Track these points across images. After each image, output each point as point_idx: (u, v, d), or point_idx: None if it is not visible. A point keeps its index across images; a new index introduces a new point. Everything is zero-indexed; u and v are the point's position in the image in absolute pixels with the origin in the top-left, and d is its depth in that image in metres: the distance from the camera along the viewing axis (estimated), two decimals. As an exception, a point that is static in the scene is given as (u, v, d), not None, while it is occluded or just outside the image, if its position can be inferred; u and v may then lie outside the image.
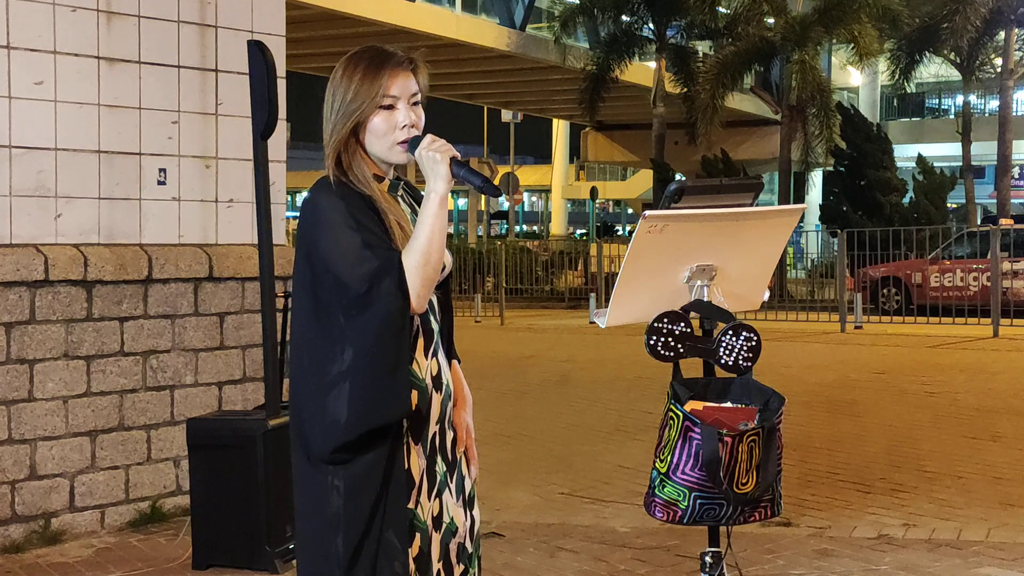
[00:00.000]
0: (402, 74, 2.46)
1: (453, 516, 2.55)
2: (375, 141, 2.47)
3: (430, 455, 2.49)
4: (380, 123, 2.45)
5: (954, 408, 9.34)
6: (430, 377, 2.48)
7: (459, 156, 2.43)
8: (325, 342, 2.38)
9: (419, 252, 2.35)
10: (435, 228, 2.37)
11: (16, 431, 5.24)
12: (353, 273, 2.33)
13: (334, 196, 2.41)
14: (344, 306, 2.35)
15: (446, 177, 2.39)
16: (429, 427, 2.48)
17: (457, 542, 2.56)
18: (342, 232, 2.36)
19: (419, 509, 2.47)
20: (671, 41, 30.92)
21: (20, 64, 5.29)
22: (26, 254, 5.27)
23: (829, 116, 27.27)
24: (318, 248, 2.38)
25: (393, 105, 2.45)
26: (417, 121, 2.47)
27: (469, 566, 2.59)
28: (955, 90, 39.88)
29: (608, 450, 7.66)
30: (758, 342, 2.89)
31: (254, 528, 4.88)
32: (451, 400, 2.56)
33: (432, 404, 2.48)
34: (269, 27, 6.19)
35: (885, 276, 20.42)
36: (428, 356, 2.48)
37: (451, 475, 2.56)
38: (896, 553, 5.12)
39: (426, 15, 27.93)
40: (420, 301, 2.37)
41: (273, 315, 5.15)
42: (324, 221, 2.39)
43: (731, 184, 3.04)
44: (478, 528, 2.63)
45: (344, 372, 2.35)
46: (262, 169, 5.07)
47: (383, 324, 2.33)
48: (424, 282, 2.36)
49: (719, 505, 2.81)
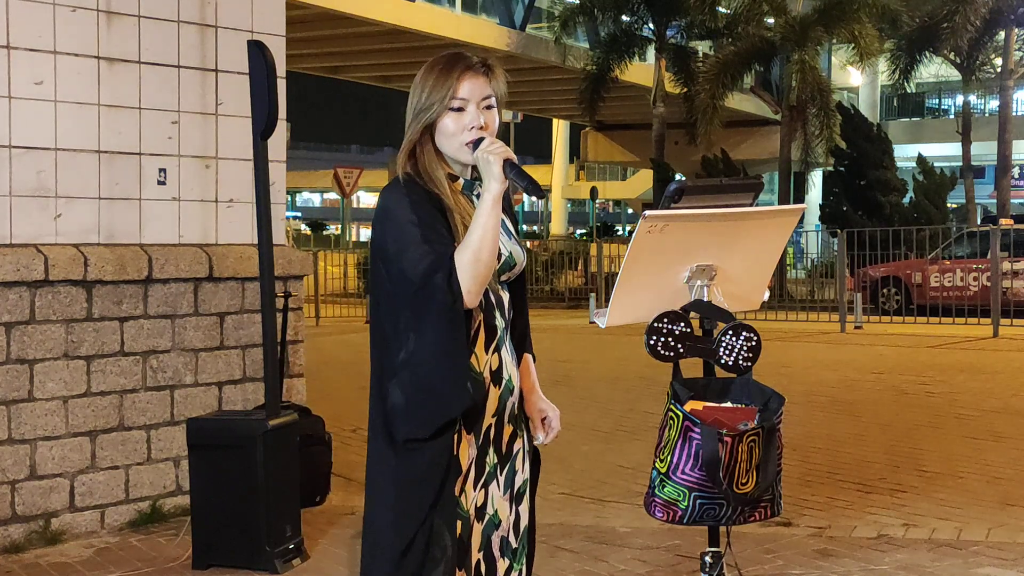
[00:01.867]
0: (473, 77, 2.56)
1: (498, 509, 2.61)
2: (445, 141, 2.57)
3: (482, 446, 2.57)
4: (450, 124, 2.55)
5: (954, 408, 9.34)
6: (488, 371, 2.56)
7: (514, 159, 2.50)
8: (392, 331, 2.49)
9: (470, 249, 2.43)
10: (487, 227, 2.44)
11: (16, 431, 5.24)
12: (412, 266, 2.44)
13: (400, 192, 2.51)
14: (405, 299, 2.46)
15: (499, 178, 2.47)
16: (484, 419, 2.56)
17: (500, 535, 2.61)
18: (403, 227, 2.47)
19: (463, 497, 2.54)
20: (671, 41, 30.93)
21: (20, 64, 5.30)
22: (26, 254, 5.27)
23: (829, 116, 27.27)
24: (385, 242, 2.50)
25: (463, 107, 2.55)
26: (488, 124, 2.57)
27: (514, 562, 2.65)
28: (955, 90, 39.89)
29: (608, 450, 7.66)
30: (758, 342, 2.89)
31: (254, 528, 4.88)
32: (512, 395, 2.62)
33: (488, 397, 2.56)
34: (269, 27, 6.19)
35: (885, 276, 20.42)
36: (488, 351, 2.56)
37: (502, 468, 2.62)
38: (896, 553, 5.12)
39: (426, 15, 27.93)
40: (471, 297, 2.44)
41: (273, 315, 5.15)
42: (389, 216, 2.50)
43: (731, 184, 3.04)
44: (525, 525, 2.68)
45: (406, 362, 2.47)
46: (262, 169, 5.07)
47: (437, 317, 2.43)
48: (475, 278, 2.43)
49: (719, 505, 2.81)
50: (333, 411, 7.48)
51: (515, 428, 2.66)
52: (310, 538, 5.24)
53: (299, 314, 6.38)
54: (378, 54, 30.04)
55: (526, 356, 2.74)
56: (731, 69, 27.92)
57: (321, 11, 24.59)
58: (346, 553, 5.16)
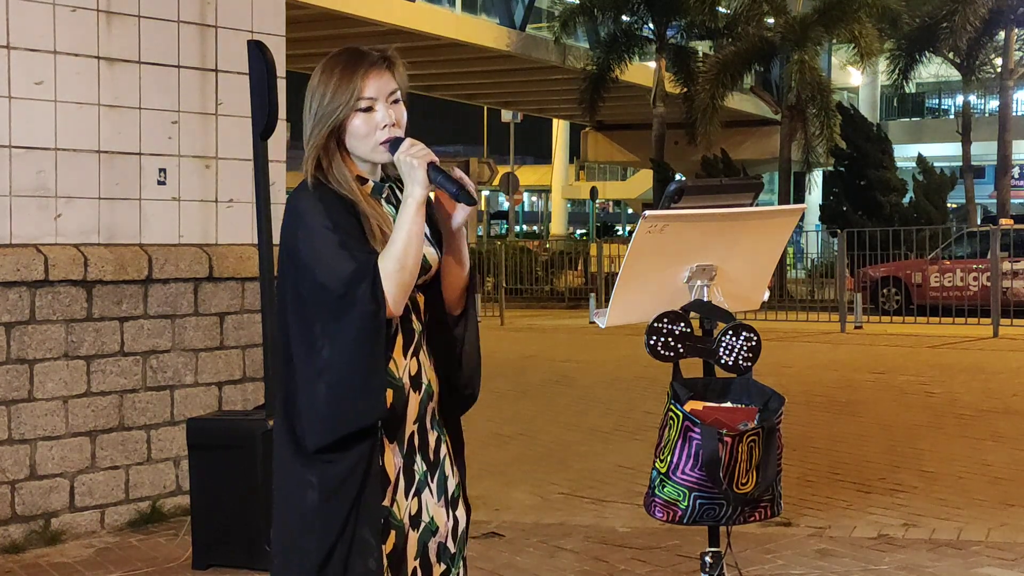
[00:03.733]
0: (378, 73, 2.46)
1: (433, 516, 2.55)
2: (357, 143, 2.47)
3: (408, 454, 2.50)
4: (360, 125, 2.45)
5: (954, 408, 9.34)
6: (408, 376, 2.48)
7: (437, 161, 2.41)
8: (306, 341, 2.39)
9: (394, 258, 2.36)
10: (412, 233, 2.37)
11: (16, 431, 5.24)
12: (330, 275, 2.34)
13: (313, 198, 2.42)
14: (322, 307, 2.36)
15: (423, 183, 2.38)
16: (406, 426, 2.49)
17: (437, 541, 2.56)
18: (320, 234, 2.37)
19: (395, 507, 2.48)
20: (671, 41, 30.92)
21: (20, 64, 5.29)
22: (26, 254, 5.27)
23: (829, 116, 27.26)
24: (298, 250, 2.40)
25: (371, 107, 2.45)
26: (398, 119, 2.47)
27: (452, 566, 2.59)
28: (955, 90, 39.88)
29: (608, 450, 7.66)
30: (758, 342, 2.88)
31: (254, 528, 4.88)
32: (432, 400, 2.55)
33: (409, 403, 2.49)
34: (269, 27, 6.19)
35: (885, 276, 20.42)
36: (407, 356, 2.49)
37: (432, 475, 2.56)
38: (896, 553, 5.12)
39: (426, 15, 27.92)
40: (397, 305, 2.38)
41: (273, 315, 5.15)
42: (303, 224, 2.40)
43: (731, 184, 3.04)
44: (463, 529, 2.62)
45: (321, 371, 2.37)
46: (262, 169, 5.07)
47: (359, 328, 2.34)
48: (400, 287, 2.36)
49: (719, 505, 2.81)
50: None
51: (439, 433, 2.59)
52: (310, 538, 5.24)
53: (299, 314, 6.37)
54: (378, 54, 29.98)
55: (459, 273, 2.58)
56: (731, 69, 27.91)
57: (321, 11, 24.58)
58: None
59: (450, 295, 2.56)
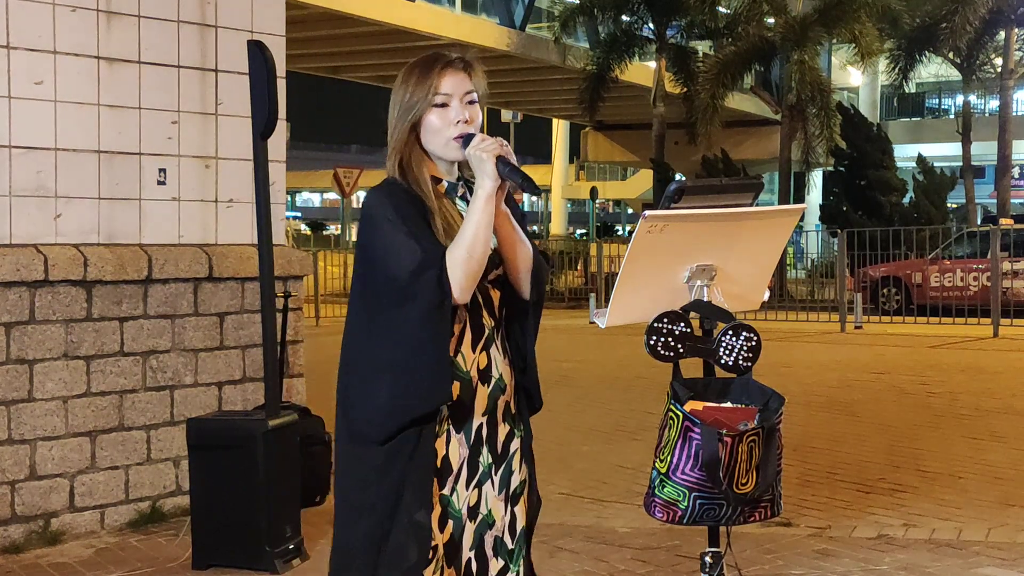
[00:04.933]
0: (454, 73, 2.57)
1: (492, 509, 2.61)
2: (431, 138, 2.57)
3: (474, 445, 2.57)
4: (435, 120, 2.55)
5: (954, 408, 9.34)
6: (476, 370, 2.56)
7: (508, 156, 2.50)
8: (373, 332, 2.50)
9: (463, 246, 2.45)
10: (480, 223, 2.46)
11: (16, 431, 5.24)
12: (397, 265, 2.44)
13: (383, 194, 2.53)
14: (389, 298, 2.46)
15: (492, 175, 2.48)
16: (474, 418, 2.57)
17: (494, 535, 2.62)
18: (388, 227, 2.48)
19: (454, 496, 2.55)
20: (671, 41, 30.93)
21: (20, 64, 5.29)
22: (26, 254, 5.27)
23: (829, 116, 27.28)
24: (370, 244, 2.51)
25: (446, 103, 2.55)
26: (472, 118, 2.57)
27: (510, 563, 2.64)
28: (955, 90, 39.89)
29: (608, 450, 7.66)
30: (758, 342, 2.88)
31: (254, 528, 4.88)
32: (503, 393, 2.62)
33: (477, 396, 2.56)
34: (269, 27, 6.19)
35: (885, 276, 20.42)
36: (476, 350, 2.56)
37: (497, 468, 2.62)
38: (896, 553, 5.12)
39: (426, 15, 27.93)
40: (463, 293, 2.46)
41: (273, 315, 5.15)
42: (373, 218, 2.51)
43: (731, 184, 3.03)
44: (521, 526, 2.67)
45: (389, 362, 2.46)
46: (262, 169, 5.07)
47: (424, 315, 2.43)
48: (467, 275, 2.45)
49: (719, 505, 2.80)
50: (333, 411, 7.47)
51: (512, 428, 2.65)
52: (310, 538, 5.24)
53: (299, 314, 6.38)
54: (378, 54, 30.03)
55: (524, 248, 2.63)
56: (731, 69, 27.92)
57: (321, 11, 24.59)
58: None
59: (517, 279, 2.61)
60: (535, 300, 2.65)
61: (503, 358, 2.62)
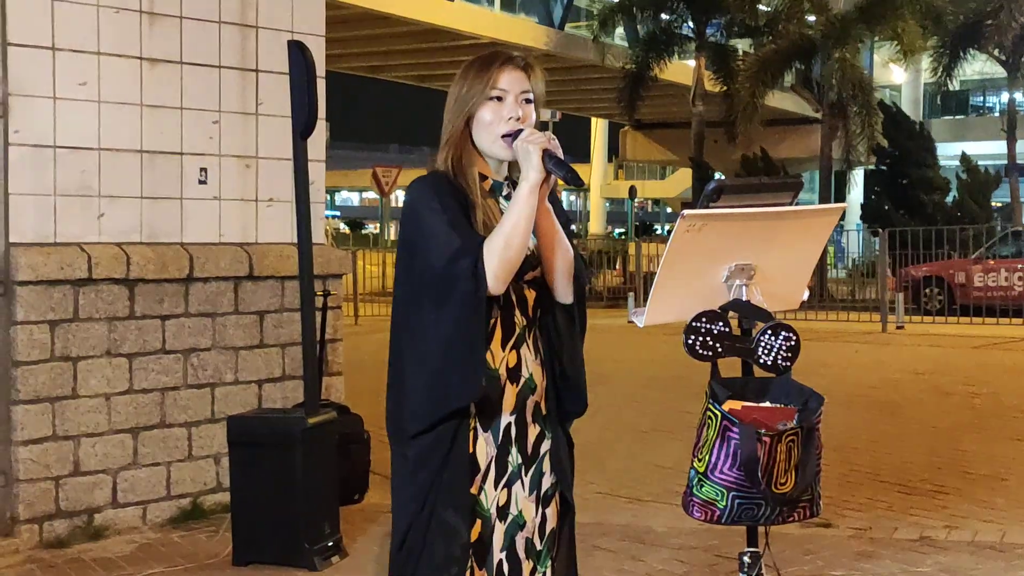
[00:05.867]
0: (513, 70, 2.57)
1: (522, 509, 2.58)
2: (481, 132, 2.56)
3: (502, 444, 2.55)
4: (487, 114, 2.54)
5: (998, 409, 9.23)
6: (505, 368, 2.54)
7: (555, 149, 2.48)
8: (412, 325, 2.49)
9: (502, 235, 2.43)
10: (521, 214, 2.44)
11: (60, 428, 5.31)
12: (437, 253, 2.44)
13: (427, 185, 2.53)
14: (430, 288, 2.45)
15: (538, 167, 2.46)
16: (502, 417, 2.55)
17: (525, 536, 2.59)
18: (429, 216, 2.47)
19: (483, 496, 2.53)
20: (711, 39, 30.76)
21: (65, 65, 5.36)
22: (70, 253, 5.34)
23: (871, 114, 27.01)
24: (411, 235, 2.50)
25: (502, 98, 2.54)
26: (525, 116, 2.55)
27: (539, 564, 2.61)
28: (1000, 87, 39.38)
29: (646, 449, 7.64)
30: (797, 342, 2.86)
31: (293, 525, 4.91)
32: (533, 394, 2.59)
33: (505, 395, 2.54)
34: (309, 27, 6.22)
35: (927, 276, 20.20)
36: (505, 349, 2.55)
37: (527, 469, 2.59)
38: (938, 555, 5.07)
39: (465, 14, 27.97)
40: (498, 283, 2.43)
41: (312, 314, 5.18)
42: (415, 209, 2.51)
43: (770, 183, 3.02)
44: (552, 528, 2.64)
45: (425, 355, 2.46)
46: (302, 168, 5.10)
47: (460, 305, 2.42)
48: (504, 265, 2.42)
49: (757, 505, 2.79)
50: (371, 409, 7.50)
51: (542, 429, 2.63)
52: (349, 536, 5.27)
53: (338, 313, 6.41)
54: (417, 53, 30.13)
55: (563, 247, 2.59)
56: (771, 67, 27.72)
57: (360, 11, 24.68)
58: (384, 551, 5.17)
59: (555, 280, 2.58)
60: (577, 302, 2.62)
61: (534, 358, 2.59)
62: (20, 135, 5.23)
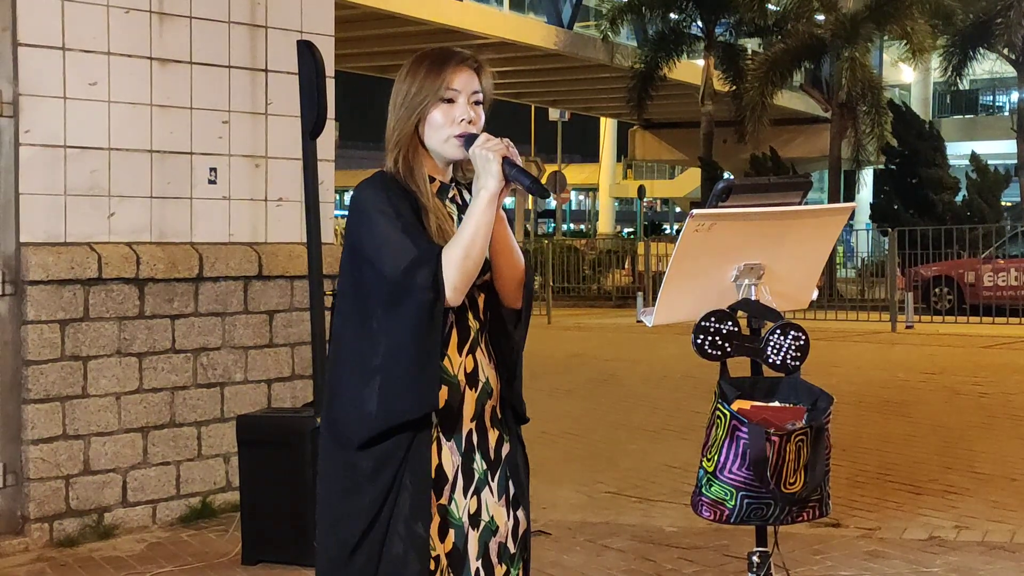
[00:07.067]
0: (465, 71, 2.51)
1: (494, 515, 2.54)
2: (432, 134, 2.50)
3: (466, 452, 2.51)
4: (439, 115, 2.49)
5: (1008, 409, 9.21)
6: (463, 373, 2.49)
7: (513, 156, 2.44)
8: (363, 334, 2.42)
9: (461, 246, 2.38)
10: (480, 224, 2.39)
11: (70, 427, 5.33)
12: (391, 262, 2.37)
13: (378, 188, 2.46)
14: (381, 296, 2.39)
15: (497, 176, 2.41)
16: (463, 424, 2.50)
17: (498, 541, 2.55)
18: (381, 222, 2.41)
19: (453, 505, 2.48)
20: (720, 38, 30.73)
21: (75, 65, 5.38)
22: (80, 252, 5.36)
23: (880, 113, 26.96)
24: (360, 239, 2.43)
25: (453, 99, 2.49)
26: (476, 119, 2.50)
27: (511, 567, 2.57)
28: (1010, 86, 39.25)
29: (655, 449, 7.64)
30: (806, 341, 2.86)
31: (303, 524, 4.92)
32: (490, 398, 2.55)
33: (465, 401, 2.50)
34: (318, 27, 6.23)
35: (937, 275, 20.15)
36: (462, 353, 2.49)
37: (492, 474, 2.55)
38: (947, 555, 5.06)
39: (474, 14, 27.97)
40: (456, 294, 2.39)
41: (322, 313, 5.18)
42: (365, 212, 2.43)
43: (779, 183, 3.02)
44: (524, 530, 2.61)
45: (378, 366, 2.40)
46: (311, 168, 5.11)
47: (416, 316, 2.36)
48: (462, 276, 2.38)
49: (766, 505, 2.79)
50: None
51: (501, 433, 2.58)
52: (358, 535, 5.27)
53: (347, 312, 6.41)
54: (426, 53, 30.07)
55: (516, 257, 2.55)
56: (780, 66, 27.68)
57: (369, 11, 24.69)
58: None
59: (504, 287, 2.54)
60: (525, 309, 2.57)
61: (488, 362, 2.54)
62: (31, 135, 5.25)
